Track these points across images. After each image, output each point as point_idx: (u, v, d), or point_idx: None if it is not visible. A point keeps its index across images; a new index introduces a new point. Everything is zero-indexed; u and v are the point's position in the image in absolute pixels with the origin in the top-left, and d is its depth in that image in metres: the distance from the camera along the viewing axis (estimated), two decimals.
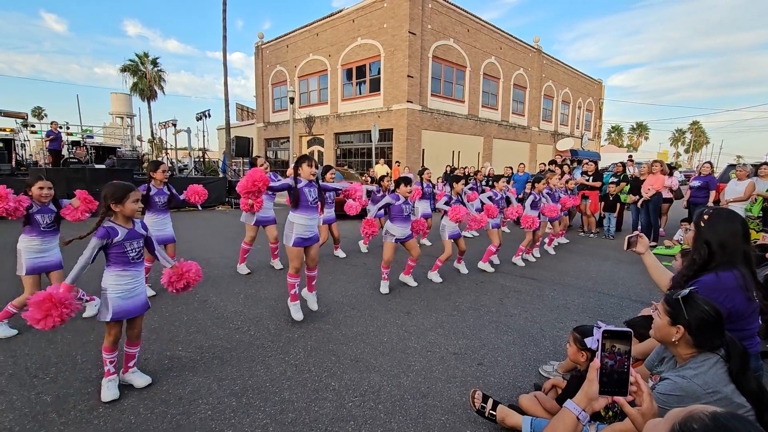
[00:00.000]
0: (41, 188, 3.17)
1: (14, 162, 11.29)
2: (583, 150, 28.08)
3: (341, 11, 19.43)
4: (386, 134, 18.02)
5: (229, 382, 2.55)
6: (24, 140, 13.79)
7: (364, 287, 4.60)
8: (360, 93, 19.44)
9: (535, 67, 24.38)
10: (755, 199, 6.45)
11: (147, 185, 4.08)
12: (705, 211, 2.01)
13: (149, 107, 32.61)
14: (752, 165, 7.88)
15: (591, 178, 8.64)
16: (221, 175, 14.37)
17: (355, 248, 6.67)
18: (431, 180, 7.32)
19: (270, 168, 5.24)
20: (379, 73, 18.09)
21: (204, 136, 16.46)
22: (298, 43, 22.02)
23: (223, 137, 21.36)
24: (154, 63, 32.23)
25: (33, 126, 15.17)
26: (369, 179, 11.18)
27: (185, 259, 2.58)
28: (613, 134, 62.03)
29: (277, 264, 5.31)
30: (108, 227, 2.25)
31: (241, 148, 15.85)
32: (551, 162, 10.17)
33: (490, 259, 5.59)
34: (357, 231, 7.85)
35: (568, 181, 7.90)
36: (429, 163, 17.43)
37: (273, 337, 3.22)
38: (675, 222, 8.65)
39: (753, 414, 1.38)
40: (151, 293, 4.17)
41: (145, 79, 31.60)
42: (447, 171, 14.58)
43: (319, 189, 3.50)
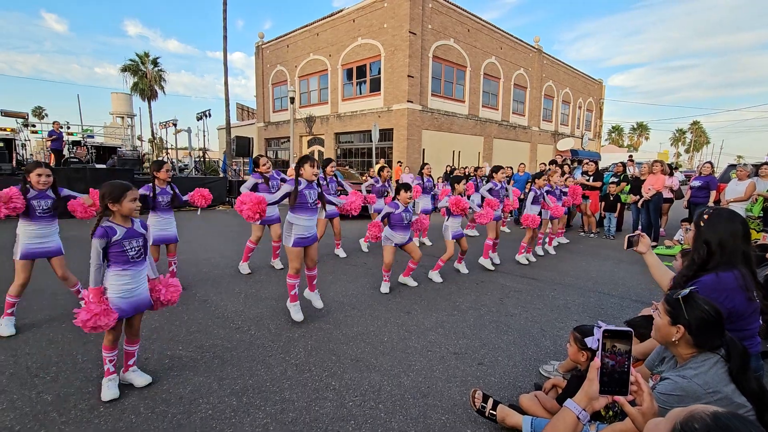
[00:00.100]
0: (39, 175, 3.21)
1: (15, 162, 11.28)
2: (584, 150, 28.07)
3: (341, 11, 19.43)
4: (386, 134, 18.02)
5: (230, 382, 2.55)
6: (25, 140, 13.79)
7: (365, 287, 4.60)
8: (360, 93, 19.44)
9: (536, 67, 24.37)
10: (756, 199, 6.45)
11: (152, 185, 4.09)
12: (705, 211, 2.01)
13: (150, 107, 32.67)
14: (753, 165, 7.88)
15: (591, 178, 8.65)
16: (222, 175, 14.39)
17: (356, 248, 6.67)
18: (431, 175, 7.32)
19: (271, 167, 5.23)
20: (380, 73, 18.09)
21: (204, 136, 16.49)
22: (299, 43, 22.03)
23: (224, 137, 21.37)
24: (155, 63, 32.25)
25: (34, 126, 15.17)
26: (369, 179, 11.16)
27: (185, 259, 2.59)
28: (614, 134, 62.03)
29: (278, 264, 5.32)
30: (106, 227, 2.25)
31: (242, 148, 15.86)
32: (551, 162, 10.16)
33: (491, 257, 5.61)
34: (357, 230, 7.86)
35: (566, 179, 7.89)
36: (429, 163, 17.40)
37: (273, 337, 3.23)
38: (675, 222, 8.65)
39: (753, 414, 1.38)
40: None
41: (146, 79, 31.62)
42: (447, 171, 14.58)
43: (320, 193, 3.53)
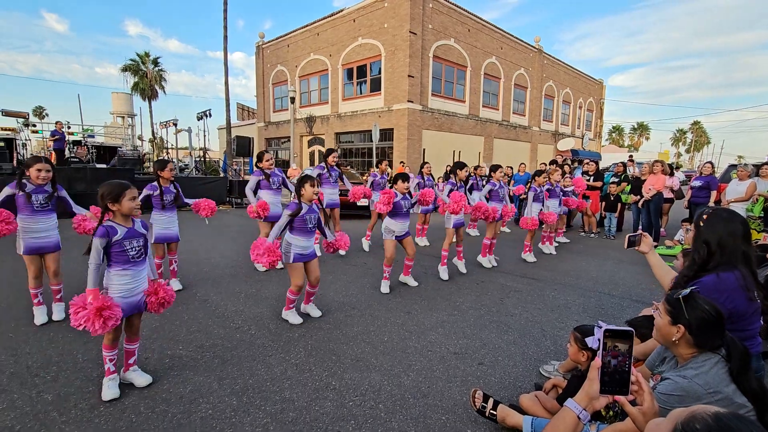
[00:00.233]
0: (39, 170, 3.21)
1: (15, 161, 11.30)
2: (584, 150, 28.06)
3: (342, 11, 19.43)
4: (387, 134, 18.02)
5: (230, 382, 2.55)
6: (25, 140, 13.79)
7: (365, 287, 4.60)
8: (361, 93, 19.45)
9: (536, 67, 24.36)
10: (756, 199, 6.45)
11: (158, 185, 4.09)
12: (705, 212, 2.01)
13: (150, 107, 32.69)
14: (753, 165, 7.87)
15: (592, 178, 8.64)
16: (222, 175, 14.39)
17: (356, 247, 6.66)
18: (432, 174, 7.32)
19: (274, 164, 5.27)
20: (380, 73, 18.09)
21: (205, 136, 16.45)
22: (299, 43, 22.04)
23: (224, 137, 21.38)
24: (155, 63, 32.27)
25: (34, 125, 15.16)
26: (369, 178, 11.17)
27: (185, 259, 2.58)
28: (614, 134, 61.97)
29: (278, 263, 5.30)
30: (107, 226, 2.26)
31: (242, 148, 15.85)
32: (552, 162, 10.16)
33: (489, 257, 5.62)
34: (357, 230, 7.85)
35: (565, 178, 7.87)
36: (430, 163, 17.39)
37: (274, 337, 3.23)
38: (676, 222, 8.65)
39: (754, 414, 1.37)
40: (179, 287, 4.22)
41: (146, 79, 31.64)
42: (447, 171, 14.57)
43: (320, 217, 3.54)
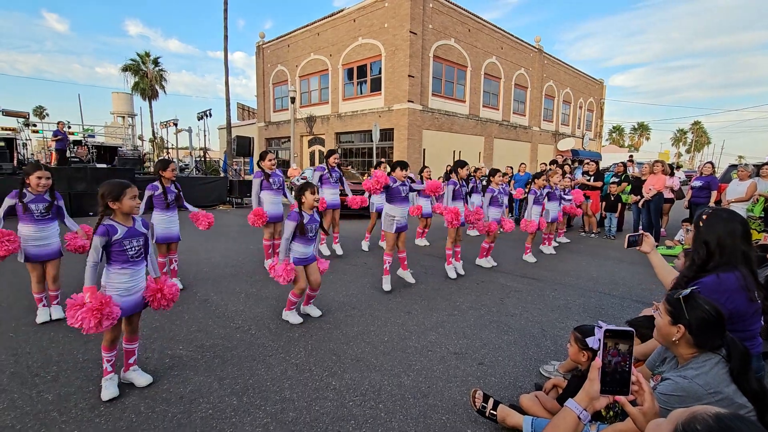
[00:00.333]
0: (39, 178, 3.21)
1: (16, 161, 11.31)
2: (585, 150, 28.04)
3: (342, 11, 19.42)
4: (387, 134, 18.01)
5: (230, 381, 2.55)
6: (26, 139, 13.81)
7: (365, 286, 4.60)
8: (361, 93, 19.43)
9: (537, 67, 24.34)
10: (757, 200, 6.45)
11: (159, 185, 4.09)
12: (704, 212, 2.01)
13: (150, 107, 32.70)
14: (754, 165, 7.87)
15: (592, 178, 8.64)
16: (222, 175, 14.40)
17: (356, 247, 6.67)
18: (431, 178, 7.32)
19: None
20: (380, 73, 18.08)
21: (205, 136, 16.47)
22: (299, 43, 22.02)
23: (224, 137, 21.38)
24: (156, 62, 32.28)
25: (35, 125, 15.19)
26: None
27: (186, 259, 2.58)
28: (615, 134, 61.94)
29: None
30: (108, 225, 2.26)
31: (242, 148, 15.86)
32: (552, 162, 10.16)
33: (488, 258, 5.63)
34: (358, 231, 7.86)
35: (564, 177, 7.86)
36: (430, 163, 17.40)
37: (274, 337, 3.23)
38: (676, 222, 8.64)
39: (754, 414, 1.37)
40: (179, 287, 4.20)
41: (147, 79, 31.65)
42: (447, 170, 14.57)
43: (321, 223, 3.56)
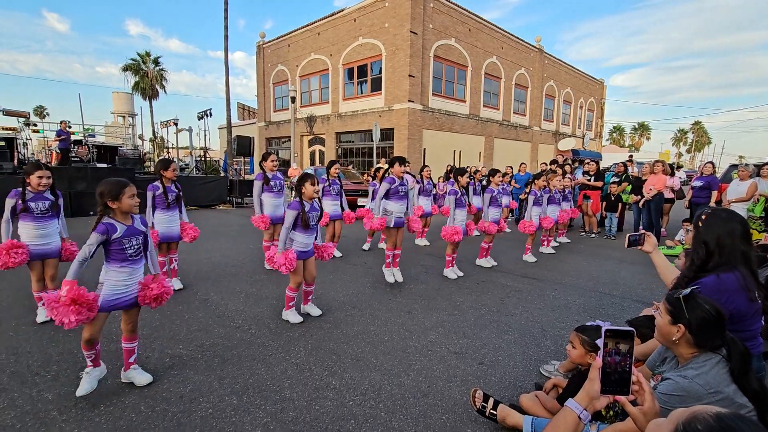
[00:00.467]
0: (40, 177, 3.22)
1: (16, 161, 11.31)
2: (585, 150, 28.01)
3: (342, 11, 19.42)
4: (387, 134, 18.01)
5: (230, 381, 2.55)
6: (26, 139, 13.82)
7: (365, 286, 4.60)
8: (361, 92, 19.43)
9: (537, 67, 24.32)
10: (757, 200, 6.44)
11: (160, 185, 4.10)
12: (703, 212, 2.01)
13: (151, 106, 32.70)
14: (754, 165, 7.86)
15: (593, 178, 8.63)
16: (222, 174, 14.40)
17: (356, 247, 6.67)
18: (431, 177, 7.31)
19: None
20: (381, 73, 18.08)
21: (205, 135, 16.49)
22: (300, 43, 22.02)
23: (225, 136, 21.38)
24: (156, 62, 32.27)
25: (35, 125, 15.19)
26: (370, 179, 11.19)
27: (186, 258, 2.58)
28: (615, 134, 61.89)
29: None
30: (107, 224, 2.26)
31: (243, 148, 15.87)
32: (552, 162, 10.15)
33: (487, 258, 5.64)
34: (357, 231, 7.85)
35: (565, 177, 7.85)
36: (430, 163, 17.36)
37: (274, 336, 3.22)
38: (677, 222, 8.63)
39: (755, 414, 1.37)
40: (179, 286, 4.23)
41: (147, 79, 31.64)
42: (448, 170, 14.56)
43: (321, 210, 3.57)
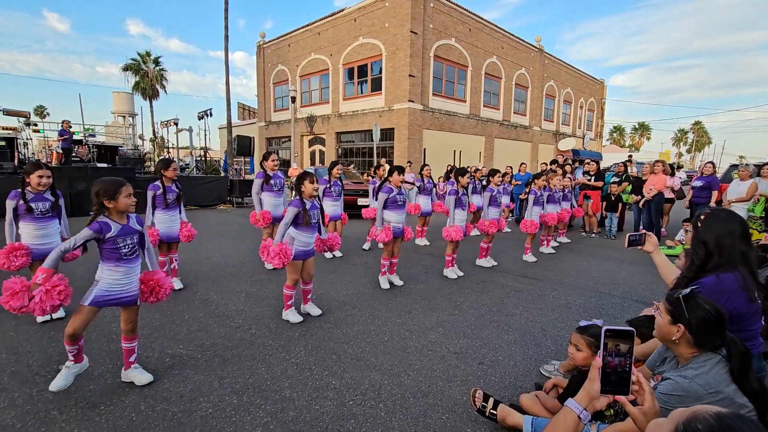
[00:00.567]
0: (40, 177, 3.22)
1: (17, 160, 11.32)
2: (585, 150, 28.00)
3: (343, 10, 19.42)
4: (388, 134, 18.01)
5: (230, 380, 2.55)
6: (26, 139, 13.82)
7: (365, 286, 4.60)
8: (361, 92, 19.43)
9: (537, 67, 24.32)
10: (758, 200, 6.44)
11: (161, 184, 4.10)
12: (702, 212, 2.01)
13: (151, 106, 32.67)
14: (755, 165, 7.86)
15: (593, 178, 8.63)
16: (222, 174, 14.41)
17: (356, 247, 6.67)
18: (431, 177, 7.32)
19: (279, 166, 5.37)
20: (381, 73, 18.08)
21: (205, 135, 16.51)
22: (300, 43, 22.02)
23: (225, 136, 21.38)
24: (156, 62, 32.24)
25: (35, 125, 15.18)
26: (370, 178, 11.20)
27: (186, 258, 2.58)
28: (615, 134, 61.86)
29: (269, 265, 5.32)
30: (101, 222, 2.24)
31: (243, 147, 15.87)
32: (552, 162, 10.14)
33: (487, 258, 5.65)
34: (358, 231, 7.86)
35: (565, 177, 7.84)
36: (430, 163, 17.35)
37: (274, 336, 3.23)
38: (677, 222, 8.63)
39: (755, 414, 1.37)
40: (179, 286, 4.23)
41: (147, 78, 31.62)
42: (448, 170, 14.57)
43: (321, 209, 3.57)
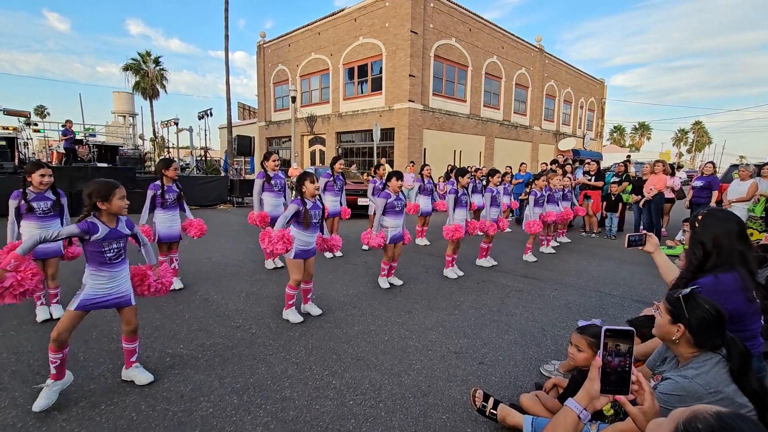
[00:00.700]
0: (42, 175, 3.21)
1: (17, 160, 11.33)
2: (585, 150, 27.97)
3: (343, 10, 19.41)
4: (388, 134, 18.01)
5: (231, 380, 2.55)
6: (27, 139, 13.83)
7: (365, 286, 4.60)
8: (362, 92, 19.43)
9: (537, 67, 24.31)
10: (758, 200, 6.44)
11: (161, 184, 4.10)
12: (699, 212, 2.01)
13: (151, 106, 32.68)
14: (755, 165, 7.86)
15: (593, 178, 8.63)
16: (223, 174, 14.41)
17: (356, 247, 6.67)
18: (432, 177, 7.32)
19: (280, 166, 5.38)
20: (381, 73, 18.08)
21: (206, 135, 16.54)
22: (300, 42, 22.02)
23: (225, 136, 21.39)
24: (156, 62, 32.24)
25: (36, 125, 15.19)
26: (370, 177, 11.21)
27: (186, 258, 2.59)
28: (616, 134, 61.83)
29: (277, 263, 5.30)
30: (90, 222, 2.20)
31: (243, 147, 15.88)
32: (553, 162, 10.14)
33: (487, 258, 5.66)
34: (358, 230, 7.85)
35: (565, 177, 7.83)
36: (431, 163, 17.36)
37: (274, 335, 3.23)
38: (677, 222, 8.63)
39: (755, 414, 1.37)
40: (180, 286, 4.23)
41: (147, 78, 31.63)
42: (448, 170, 14.57)
43: (323, 209, 3.57)
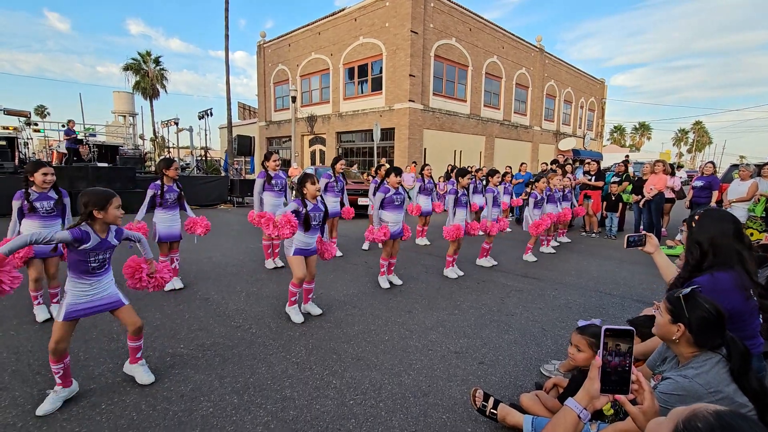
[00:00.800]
0: (45, 174, 3.20)
1: (17, 160, 11.33)
2: (586, 150, 27.96)
3: (343, 10, 19.42)
4: (388, 133, 18.02)
5: (231, 380, 2.56)
6: (27, 138, 13.84)
7: (366, 285, 4.60)
8: (362, 92, 19.44)
9: (538, 67, 24.32)
10: (758, 199, 6.44)
11: (161, 183, 4.10)
12: (696, 212, 2.02)
13: (151, 106, 32.68)
14: (755, 165, 7.86)
15: (593, 178, 8.63)
16: (223, 174, 14.41)
17: (356, 247, 6.67)
18: (432, 177, 7.32)
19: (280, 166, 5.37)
20: (381, 72, 18.09)
21: (206, 135, 16.56)
22: (300, 42, 22.03)
23: (225, 136, 21.39)
24: (157, 62, 32.24)
25: (36, 124, 15.20)
26: (371, 177, 11.23)
27: (186, 258, 2.59)
28: (616, 134, 61.81)
29: (277, 263, 5.30)
30: (84, 231, 2.17)
31: (243, 147, 15.88)
32: (553, 162, 10.14)
33: (487, 258, 5.66)
34: (358, 230, 7.86)
35: (565, 176, 7.83)
36: (431, 163, 17.39)
37: (274, 335, 3.23)
38: (677, 222, 8.63)
39: (755, 414, 1.37)
40: (180, 285, 4.24)
41: (148, 78, 31.62)
42: (449, 170, 14.57)
43: (326, 211, 3.56)
